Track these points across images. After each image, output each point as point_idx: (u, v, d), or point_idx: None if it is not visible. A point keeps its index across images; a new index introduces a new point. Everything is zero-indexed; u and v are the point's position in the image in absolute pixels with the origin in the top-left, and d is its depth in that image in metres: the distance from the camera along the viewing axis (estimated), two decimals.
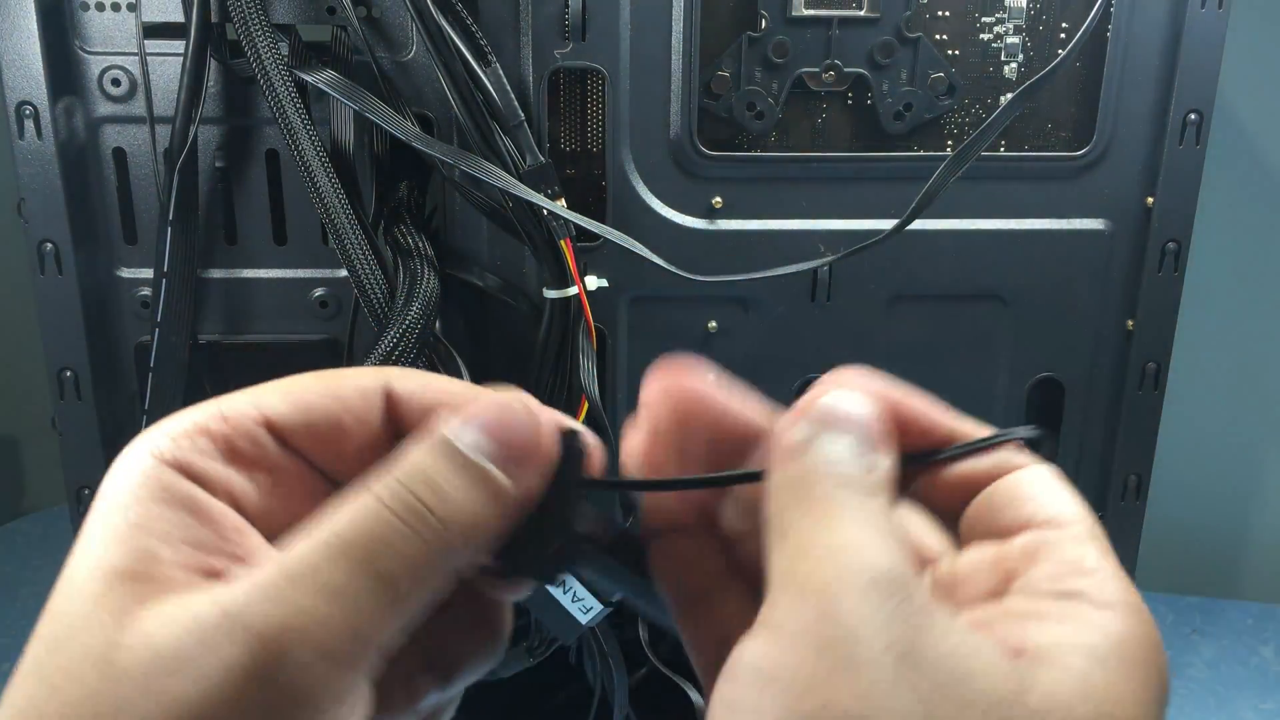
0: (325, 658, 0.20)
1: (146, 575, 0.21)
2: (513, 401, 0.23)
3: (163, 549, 0.21)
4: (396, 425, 0.25)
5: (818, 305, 0.56)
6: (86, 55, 0.51)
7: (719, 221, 0.54)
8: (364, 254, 0.49)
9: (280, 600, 0.20)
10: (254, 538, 0.23)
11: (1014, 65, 0.54)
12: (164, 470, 0.22)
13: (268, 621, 0.20)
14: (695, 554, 0.26)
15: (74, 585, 0.21)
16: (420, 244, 0.51)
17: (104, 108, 0.52)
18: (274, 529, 0.23)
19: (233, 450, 0.23)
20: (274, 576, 0.21)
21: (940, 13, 0.53)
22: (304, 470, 0.24)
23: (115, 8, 0.50)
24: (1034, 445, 0.24)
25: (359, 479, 0.22)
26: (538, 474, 0.23)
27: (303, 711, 0.20)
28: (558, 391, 0.52)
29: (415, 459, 0.22)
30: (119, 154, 0.52)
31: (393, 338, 0.47)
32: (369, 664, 0.21)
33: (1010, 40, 0.53)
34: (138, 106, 0.51)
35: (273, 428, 0.23)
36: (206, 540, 0.22)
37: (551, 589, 0.37)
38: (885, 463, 0.22)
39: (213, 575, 0.22)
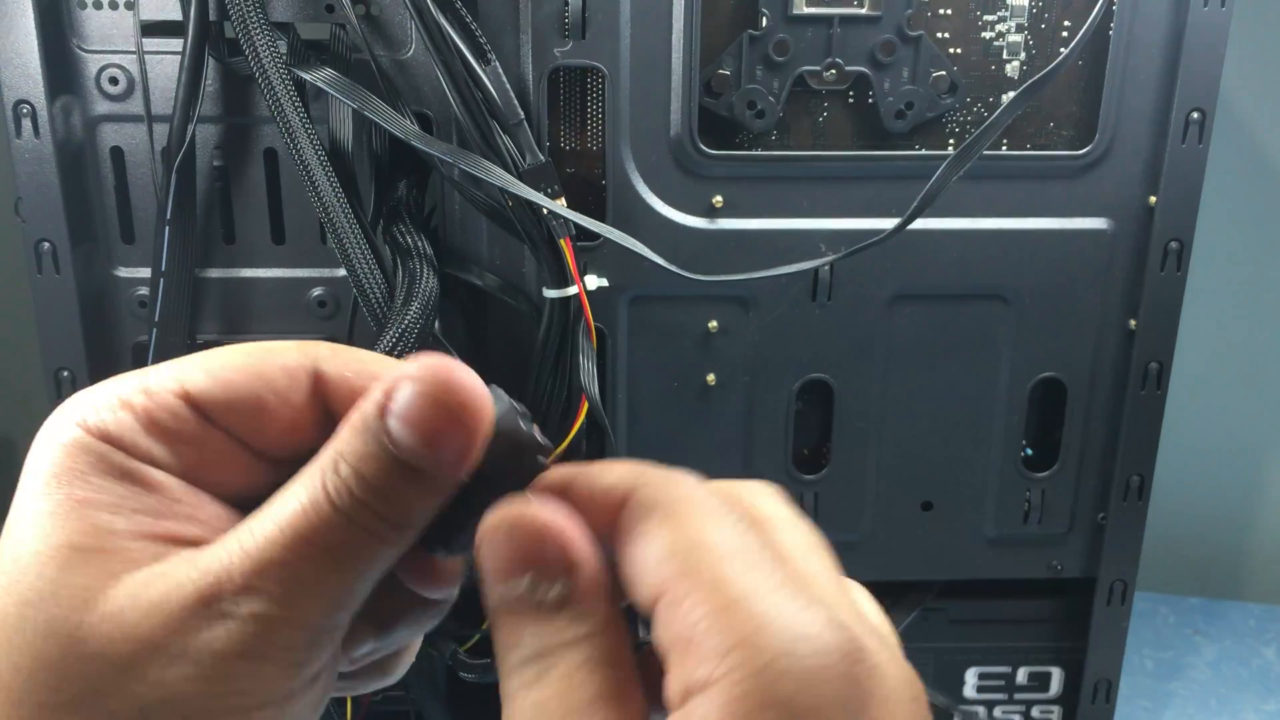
0: (296, 644, 0.21)
1: (103, 550, 0.21)
2: (446, 387, 0.21)
3: (115, 521, 0.21)
4: (325, 403, 0.24)
5: (818, 305, 0.55)
6: (84, 54, 0.51)
7: (719, 221, 0.54)
8: (363, 253, 0.49)
9: (252, 590, 0.20)
10: (203, 499, 0.23)
11: (1016, 64, 0.54)
12: (95, 442, 0.22)
13: (241, 609, 0.20)
14: None
15: (23, 565, 0.21)
16: (419, 243, 0.51)
17: (102, 106, 0.52)
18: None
19: (153, 423, 0.23)
20: (243, 565, 0.21)
21: (942, 11, 0.53)
22: (227, 444, 0.24)
23: (113, 6, 0.50)
24: None
25: (289, 455, 0.23)
26: (475, 458, 0.22)
27: (270, 691, 0.21)
28: (558, 391, 0.52)
29: (356, 460, 0.21)
30: (117, 153, 0.52)
31: (392, 338, 0.47)
32: (332, 644, 0.22)
33: (1012, 39, 0.53)
34: (135, 105, 0.51)
35: (192, 401, 0.23)
36: (156, 507, 0.22)
37: None
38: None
39: (171, 540, 0.22)
